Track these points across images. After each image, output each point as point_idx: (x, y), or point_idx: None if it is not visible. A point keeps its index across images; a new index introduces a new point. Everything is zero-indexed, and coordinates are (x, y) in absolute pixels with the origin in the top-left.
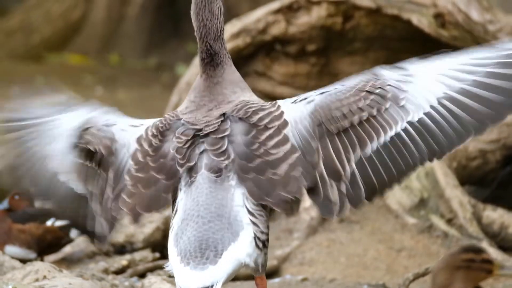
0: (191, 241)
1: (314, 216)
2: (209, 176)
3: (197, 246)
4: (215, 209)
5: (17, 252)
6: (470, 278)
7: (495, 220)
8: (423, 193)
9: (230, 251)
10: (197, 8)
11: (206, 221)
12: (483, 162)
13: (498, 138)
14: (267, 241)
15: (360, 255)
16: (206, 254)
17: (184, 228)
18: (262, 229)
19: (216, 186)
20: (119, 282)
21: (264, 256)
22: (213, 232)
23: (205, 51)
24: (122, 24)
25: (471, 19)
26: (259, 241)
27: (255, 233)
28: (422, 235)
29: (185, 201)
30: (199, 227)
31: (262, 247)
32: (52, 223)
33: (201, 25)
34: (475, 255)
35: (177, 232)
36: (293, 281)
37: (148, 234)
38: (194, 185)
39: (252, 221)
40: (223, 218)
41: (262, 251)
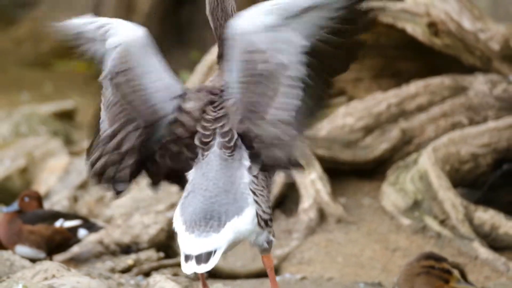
0: (197, 212)
1: (312, 217)
2: (220, 154)
3: (202, 217)
4: (222, 185)
5: (27, 252)
6: (429, 284)
7: (486, 221)
8: (417, 195)
9: (233, 223)
10: (211, 8)
11: (213, 195)
12: (474, 166)
13: (489, 142)
14: (270, 221)
15: (357, 255)
16: (210, 224)
17: (191, 199)
18: (264, 208)
19: (227, 163)
20: (125, 281)
21: (267, 234)
22: (219, 205)
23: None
24: None
25: (463, 28)
26: (261, 219)
27: (257, 211)
28: (416, 235)
29: (195, 175)
30: (206, 199)
31: (264, 225)
32: (60, 224)
33: (217, 24)
34: (435, 262)
35: (183, 202)
36: (292, 280)
37: (153, 235)
38: (205, 161)
39: (255, 200)
40: (230, 193)
41: (264, 229)
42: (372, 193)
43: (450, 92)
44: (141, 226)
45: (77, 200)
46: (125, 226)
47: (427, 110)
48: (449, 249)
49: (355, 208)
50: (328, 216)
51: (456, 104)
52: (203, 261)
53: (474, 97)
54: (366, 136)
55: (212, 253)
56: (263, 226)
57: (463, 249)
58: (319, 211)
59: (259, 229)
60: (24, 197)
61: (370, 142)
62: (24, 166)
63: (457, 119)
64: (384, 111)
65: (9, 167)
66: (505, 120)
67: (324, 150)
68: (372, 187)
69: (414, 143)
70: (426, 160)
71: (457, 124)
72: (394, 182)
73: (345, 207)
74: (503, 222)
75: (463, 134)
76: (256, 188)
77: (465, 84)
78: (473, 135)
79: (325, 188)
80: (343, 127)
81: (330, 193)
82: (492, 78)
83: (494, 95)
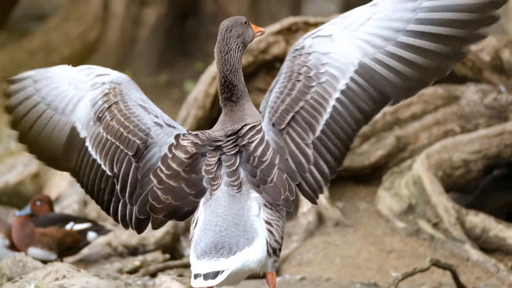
0: (208, 244)
1: (311, 221)
2: (228, 191)
3: (213, 247)
4: (232, 219)
5: (39, 254)
6: None
7: (477, 224)
8: (411, 200)
9: (243, 252)
10: (217, 43)
11: (223, 229)
12: (466, 171)
13: (480, 149)
14: (279, 250)
15: (354, 257)
16: (221, 252)
17: (203, 236)
18: (276, 238)
19: (235, 199)
20: (133, 281)
21: (273, 262)
22: (229, 237)
23: (222, 82)
24: (135, 45)
25: None
26: (270, 247)
27: (268, 240)
28: (410, 238)
29: (205, 214)
30: (216, 234)
31: (272, 254)
32: (71, 227)
33: (219, 56)
34: None
35: (196, 240)
36: (292, 280)
37: (159, 237)
38: (213, 199)
39: (268, 229)
40: (239, 226)
41: (271, 257)
42: (368, 198)
43: (442, 101)
44: (148, 229)
45: (86, 204)
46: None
47: (421, 118)
48: (442, 251)
49: (352, 212)
50: (326, 220)
51: (449, 113)
52: (210, 277)
53: (466, 106)
54: (362, 143)
55: (220, 272)
56: (271, 254)
57: (455, 251)
58: (318, 214)
59: (268, 258)
60: (36, 201)
61: (366, 149)
62: (36, 172)
63: (449, 127)
64: (379, 119)
65: (21, 173)
66: (495, 128)
67: None
68: (368, 191)
69: (409, 150)
70: (419, 166)
71: (450, 131)
72: (389, 187)
73: (343, 211)
74: (493, 225)
75: (455, 141)
76: (271, 219)
77: (457, 93)
78: (465, 142)
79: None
80: None
81: (328, 197)
82: (483, 88)
83: (484, 104)
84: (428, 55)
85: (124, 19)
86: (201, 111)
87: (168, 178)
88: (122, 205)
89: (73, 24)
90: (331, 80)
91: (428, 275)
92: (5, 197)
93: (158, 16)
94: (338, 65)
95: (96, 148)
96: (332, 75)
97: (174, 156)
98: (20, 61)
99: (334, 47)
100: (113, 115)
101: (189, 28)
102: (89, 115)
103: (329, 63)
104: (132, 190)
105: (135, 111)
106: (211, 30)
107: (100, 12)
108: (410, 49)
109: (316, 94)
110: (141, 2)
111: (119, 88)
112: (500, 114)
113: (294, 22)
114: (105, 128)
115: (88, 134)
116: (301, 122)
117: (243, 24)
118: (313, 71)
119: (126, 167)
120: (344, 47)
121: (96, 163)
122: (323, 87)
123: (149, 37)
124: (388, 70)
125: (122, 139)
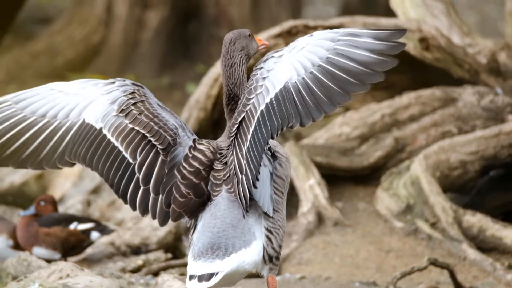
0: (205, 245)
1: (311, 221)
2: (228, 197)
3: (209, 247)
4: (230, 221)
5: (44, 253)
6: None
7: (474, 224)
8: (409, 200)
9: (239, 254)
10: (222, 56)
11: (220, 230)
12: (463, 172)
13: (477, 150)
14: (275, 258)
15: (353, 256)
16: (216, 253)
17: (201, 237)
18: (274, 245)
19: (234, 204)
20: (135, 280)
21: (269, 270)
22: (226, 238)
23: (227, 95)
24: (137, 47)
25: (452, 43)
26: (267, 254)
27: (265, 246)
28: (408, 237)
29: (204, 217)
30: (213, 235)
31: (268, 261)
32: (74, 227)
33: (224, 70)
34: None
35: (194, 242)
36: (292, 279)
37: (161, 237)
38: (213, 204)
39: (267, 235)
40: (237, 228)
41: (267, 264)
42: (367, 198)
43: (440, 103)
44: (150, 229)
45: (90, 204)
46: (135, 229)
47: (419, 120)
48: (440, 251)
49: (351, 212)
50: (325, 220)
51: (446, 114)
52: (205, 279)
53: (463, 108)
54: (361, 144)
55: (214, 274)
56: (266, 261)
57: (453, 250)
58: (317, 214)
59: (263, 263)
60: (40, 201)
61: (365, 150)
62: (40, 172)
63: (447, 128)
64: (378, 121)
65: (26, 173)
66: (492, 129)
67: (322, 157)
68: (367, 192)
69: (407, 151)
70: (417, 166)
71: (447, 133)
72: (388, 187)
73: (342, 211)
74: (490, 225)
75: (452, 142)
76: (272, 227)
77: (454, 95)
78: (462, 143)
79: (323, 193)
80: (340, 136)
81: (327, 197)
82: (480, 90)
83: (481, 105)
84: (326, 90)
85: (127, 22)
86: (202, 112)
87: (191, 174)
88: (143, 193)
89: (77, 27)
90: (264, 93)
91: (426, 274)
92: (10, 197)
93: (160, 19)
94: (274, 81)
95: (118, 136)
96: (267, 89)
97: (194, 156)
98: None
99: (278, 65)
100: (141, 110)
101: (191, 31)
102: (107, 109)
103: (269, 78)
104: (158, 181)
105: (161, 113)
106: (213, 33)
107: (104, 15)
108: (316, 83)
109: (252, 105)
110: (144, 5)
111: (142, 90)
112: (497, 116)
113: (294, 25)
114: (132, 120)
115: (106, 125)
116: (241, 133)
117: (246, 36)
118: (254, 84)
119: (153, 158)
120: (283, 66)
121: (117, 149)
122: (257, 99)
123: (152, 39)
124: (298, 96)
125: (153, 132)
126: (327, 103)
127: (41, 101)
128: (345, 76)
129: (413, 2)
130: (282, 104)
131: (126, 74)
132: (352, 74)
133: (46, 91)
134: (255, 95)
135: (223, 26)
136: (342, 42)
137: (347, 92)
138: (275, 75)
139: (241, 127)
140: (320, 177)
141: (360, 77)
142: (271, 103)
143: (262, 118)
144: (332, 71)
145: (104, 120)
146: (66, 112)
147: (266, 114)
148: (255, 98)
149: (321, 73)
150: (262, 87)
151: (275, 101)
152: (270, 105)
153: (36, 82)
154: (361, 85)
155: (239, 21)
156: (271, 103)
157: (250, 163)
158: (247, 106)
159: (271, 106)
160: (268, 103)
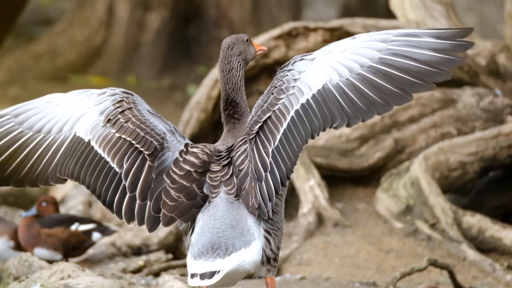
0: (205, 245)
1: (311, 221)
2: (227, 198)
3: (210, 248)
4: (229, 222)
5: (45, 254)
6: None
7: (474, 224)
8: (409, 201)
9: (239, 253)
10: (219, 61)
11: (220, 231)
12: (463, 173)
13: (476, 151)
14: (273, 260)
15: (353, 256)
16: (217, 252)
17: (200, 238)
18: (272, 247)
19: (233, 205)
20: (136, 281)
21: (267, 271)
22: (226, 238)
23: (225, 100)
24: (138, 49)
25: None
26: (265, 255)
27: (264, 247)
28: (408, 238)
29: (203, 219)
30: (213, 235)
31: (266, 262)
32: (76, 228)
33: (222, 75)
34: None
35: (193, 243)
36: (292, 280)
37: (162, 238)
38: (212, 205)
39: (265, 236)
40: (237, 229)
41: (265, 266)
42: (367, 199)
43: (440, 104)
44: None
45: (91, 205)
46: (136, 229)
47: (419, 121)
48: (439, 251)
49: (351, 212)
50: (325, 220)
51: (446, 116)
52: (207, 277)
53: (462, 109)
54: (361, 145)
55: (216, 272)
56: (264, 262)
57: (452, 251)
58: (318, 215)
59: (261, 264)
60: (41, 202)
61: (365, 151)
62: None
63: (446, 130)
64: (378, 122)
65: None
66: (491, 131)
67: (322, 158)
68: (367, 193)
69: (406, 152)
70: (417, 167)
71: (446, 134)
72: (388, 188)
73: (342, 212)
74: (489, 226)
75: (452, 143)
76: (270, 228)
77: (454, 97)
78: (461, 144)
79: (323, 194)
80: (340, 137)
81: (327, 198)
82: (479, 91)
83: (481, 107)
84: (379, 91)
85: (128, 24)
86: (203, 113)
87: (181, 178)
88: (129, 200)
89: (78, 28)
90: (297, 94)
91: (426, 274)
92: (11, 198)
93: (161, 21)
94: (308, 82)
95: (105, 147)
96: (300, 90)
97: (185, 159)
98: (26, 65)
99: (311, 68)
100: (128, 118)
101: (191, 33)
102: (96, 121)
103: (301, 80)
104: (145, 187)
105: (149, 118)
106: (214, 35)
107: (105, 17)
108: (366, 84)
109: (282, 105)
110: (145, 7)
111: (132, 98)
112: (496, 117)
113: (294, 27)
114: (118, 129)
115: (94, 136)
116: (266, 131)
117: (244, 41)
118: (285, 85)
119: (139, 165)
120: (318, 69)
121: (103, 160)
122: (289, 99)
123: (153, 41)
124: (343, 97)
125: (139, 138)
126: (381, 103)
127: (37, 115)
128: (404, 76)
129: (413, 4)
130: (323, 104)
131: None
132: (413, 74)
133: (43, 104)
134: (285, 96)
135: (224, 28)
136: (397, 43)
137: (407, 93)
138: (308, 76)
139: (265, 125)
140: (320, 178)
141: (424, 76)
142: (308, 103)
143: (299, 118)
144: (387, 71)
145: (93, 132)
146: (60, 126)
147: (303, 114)
148: (286, 98)
149: (372, 73)
150: (295, 88)
151: (313, 101)
152: (307, 105)
153: (38, 84)
154: (425, 85)
155: (239, 23)
156: (308, 103)
157: (279, 162)
158: (276, 106)
159: (309, 106)
160: (304, 103)
